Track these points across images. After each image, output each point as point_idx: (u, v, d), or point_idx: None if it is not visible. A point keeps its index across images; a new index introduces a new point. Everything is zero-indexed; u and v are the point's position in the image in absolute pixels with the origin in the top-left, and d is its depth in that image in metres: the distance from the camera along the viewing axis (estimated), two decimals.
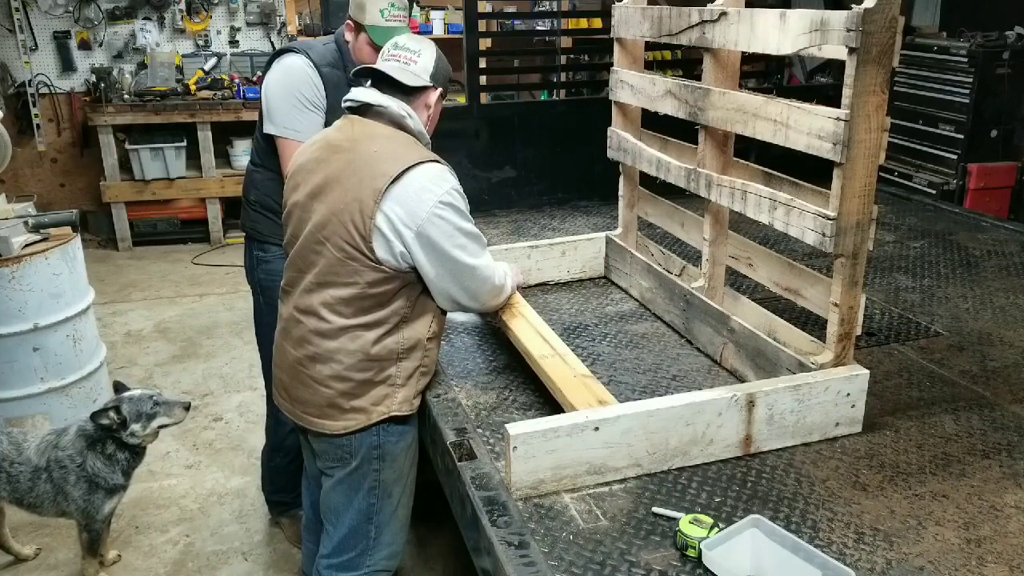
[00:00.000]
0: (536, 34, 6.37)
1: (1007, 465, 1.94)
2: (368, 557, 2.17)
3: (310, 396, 2.07)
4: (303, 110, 2.67)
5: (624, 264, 3.01)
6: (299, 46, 2.78)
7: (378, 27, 2.62)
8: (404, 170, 1.95)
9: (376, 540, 2.17)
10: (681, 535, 1.63)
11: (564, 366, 2.14)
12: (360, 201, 1.94)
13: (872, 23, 1.78)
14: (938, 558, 1.63)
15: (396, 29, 2.58)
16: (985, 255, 3.40)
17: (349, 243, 1.95)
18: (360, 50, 2.70)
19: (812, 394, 1.99)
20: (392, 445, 2.09)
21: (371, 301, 2.00)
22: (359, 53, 2.71)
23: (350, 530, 2.15)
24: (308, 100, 2.67)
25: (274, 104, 2.69)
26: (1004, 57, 5.12)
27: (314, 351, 2.03)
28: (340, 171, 2.00)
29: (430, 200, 1.95)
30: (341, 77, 2.66)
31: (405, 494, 2.22)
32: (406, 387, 2.07)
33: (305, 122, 2.66)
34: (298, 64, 2.68)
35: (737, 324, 2.33)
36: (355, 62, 2.66)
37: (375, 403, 2.04)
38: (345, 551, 2.15)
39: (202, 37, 6.74)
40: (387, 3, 2.62)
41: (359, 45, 2.71)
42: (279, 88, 2.69)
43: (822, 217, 1.96)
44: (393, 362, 2.04)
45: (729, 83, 2.35)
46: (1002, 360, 2.48)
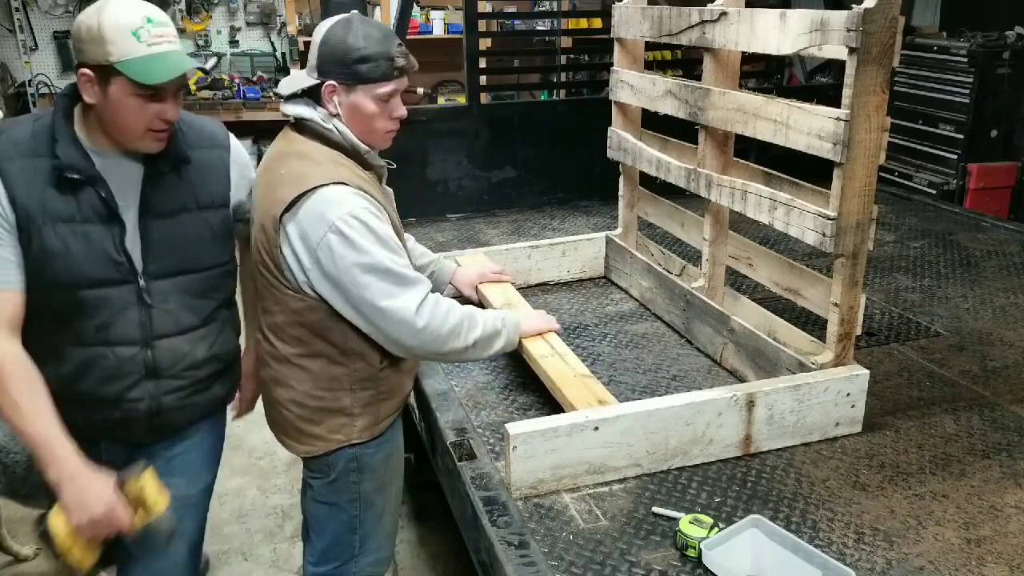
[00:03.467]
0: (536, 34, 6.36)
1: (1007, 465, 1.94)
2: (354, 564, 2.08)
3: (276, 415, 1.99)
4: None
5: (624, 264, 3.01)
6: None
7: (137, 59, 1.63)
8: (299, 196, 1.73)
9: (361, 549, 2.07)
10: (681, 535, 1.63)
11: (564, 366, 2.14)
12: (265, 229, 1.79)
13: (872, 23, 1.78)
14: (938, 558, 1.63)
15: (168, 54, 1.68)
16: (985, 255, 3.40)
17: (267, 269, 1.82)
18: (117, 112, 1.67)
19: (812, 394, 1.99)
20: (369, 457, 1.97)
21: (305, 330, 1.83)
22: (115, 116, 1.68)
23: (333, 540, 2.06)
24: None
25: None
26: (1004, 57, 5.12)
27: (272, 373, 1.92)
28: (258, 195, 1.86)
29: (321, 228, 1.72)
30: (48, 168, 1.69)
31: (389, 502, 2.11)
32: (364, 416, 1.91)
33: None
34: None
35: (737, 324, 2.33)
36: (91, 142, 1.73)
37: (332, 431, 1.90)
38: (329, 560, 2.06)
39: (202, 37, 6.74)
40: (140, 19, 1.65)
41: (113, 105, 1.66)
42: None
43: (822, 217, 1.96)
44: (346, 392, 1.88)
45: (729, 83, 2.35)
46: (1002, 360, 2.47)
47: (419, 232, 3.69)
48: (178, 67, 1.68)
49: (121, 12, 1.65)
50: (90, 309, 1.75)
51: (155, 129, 1.71)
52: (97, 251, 1.72)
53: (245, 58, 6.84)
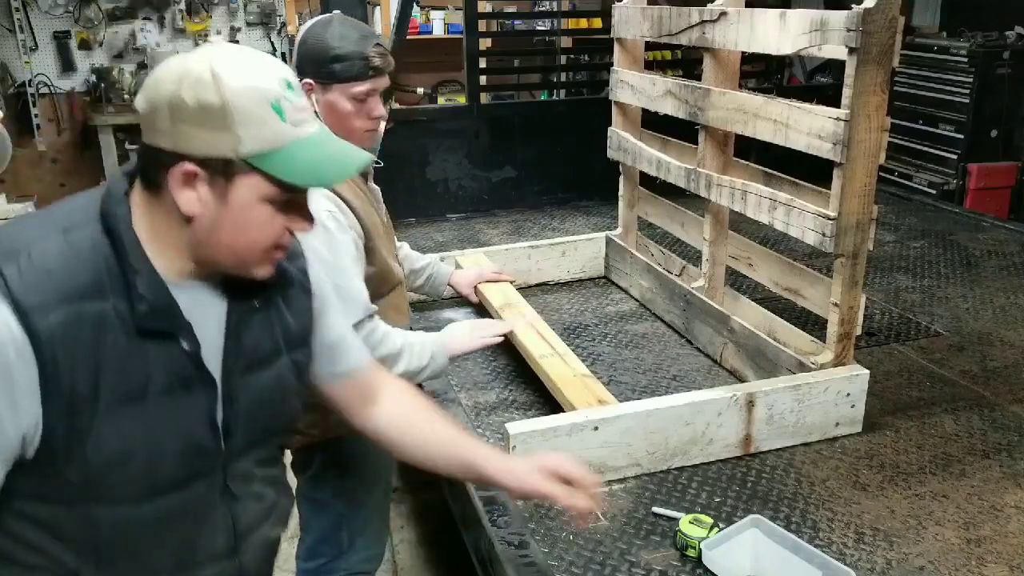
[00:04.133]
0: (536, 34, 6.36)
1: (1007, 465, 1.94)
2: (343, 561, 2.06)
3: None
4: None
5: (624, 264, 3.01)
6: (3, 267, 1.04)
7: (285, 149, 1.07)
8: None
9: (350, 546, 2.05)
10: (681, 535, 1.63)
11: (564, 366, 2.14)
12: None
13: (872, 23, 1.78)
14: (938, 558, 1.63)
15: (326, 137, 1.13)
16: (985, 255, 3.39)
17: None
18: (238, 226, 1.09)
19: (812, 394, 1.99)
20: (349, 452, 1.95)
21: None
22: (234, 232, 1.10)
23: (321, 536, 2.05)
24: None
25: None
26: (1004, 57, 5.11)
27: None
28: None
29: None
30: (112, 317, 1.05)
31: (377, 498, 2.09)
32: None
33: None
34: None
35: (737, 324, 2.33)
36: (165, 267, 1.10)
37: (308, 426, 1.85)
38: (317, 556, 2.05)
39: (202, 37, 6.73)
40: (277, 84, 1.07)
41: (234, 215, 1.09)
42: None
43: (822, 217, 1.96)
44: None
45: (729, 83, 2.35)
46: (1002, 360, 2.47)
47: (419, 232, 3.69)
48: (357, 159, 1.14)
49: (249, 71, 1.06)
50: (160, 530, 1.15)
51: (282, 246, 1.15)
52: (177, 437, 1.12)
53: None
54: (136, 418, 1.06)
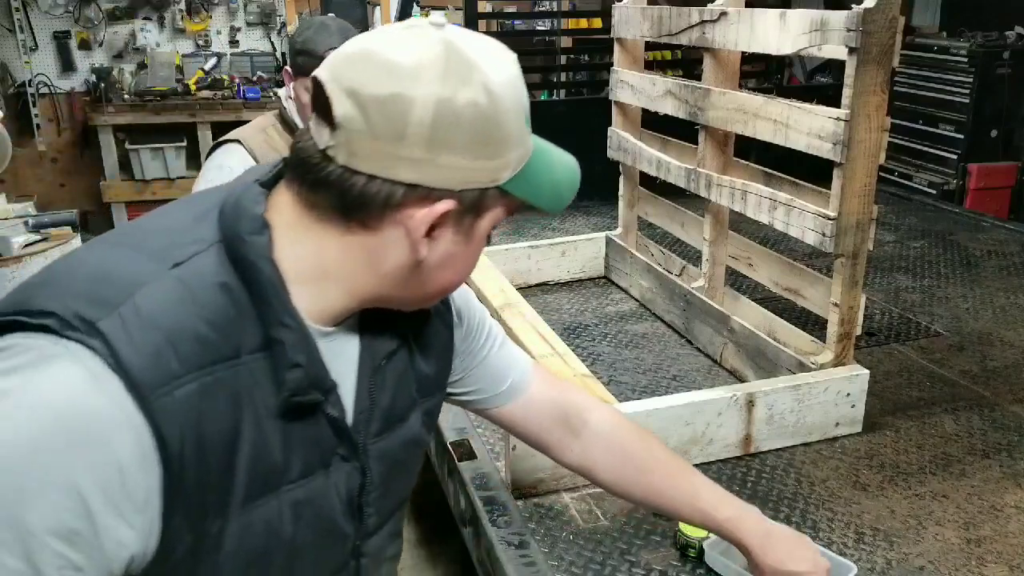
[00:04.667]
0: (536, 34, 6.36)
1: (1007, 465, 1.94)
2: None
3: None
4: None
5: (624, 264, 3.01)
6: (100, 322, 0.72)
7: (527, 168, 0.86)
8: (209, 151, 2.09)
9: None
10: (681, 535, 1.63)
11: (564, 366, 2.14)
12: None
13: (872, 23, 1.78)
14: (938, 558, 1.63)
15: (554, 151, 0.92)
16: (985, 255, 3.39)
17: None
18: (457, 262, 0.88)
19: (812, 394, 1.99)
20: None
21: None
22: (445, 270, 0.87)
23: None
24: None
25: None
26: (1004, 57, 5.12)
27: None
28: None
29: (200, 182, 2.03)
30: (251, 388, 0.80)
31: None
32: None
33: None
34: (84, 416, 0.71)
35: (737, 324, 2.33)
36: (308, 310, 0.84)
37: None
38: None
39: (202, 37, 6.73)
40: (522, 88, 0.84)
41: (463, 253, 0.87)
42: None
43: (822, 217, 1.96)
44: None
45: (729, 83, 2.35)
46: (1002, 360, 2.47)
47: None
48: (574, 164, 0.91)
49: (509, 70, 0.82)
50: None
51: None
52: (314, 527, 0.88)
53: (245, 58, 6.84)
54: (270, 514, 0.81)
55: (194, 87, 6.38)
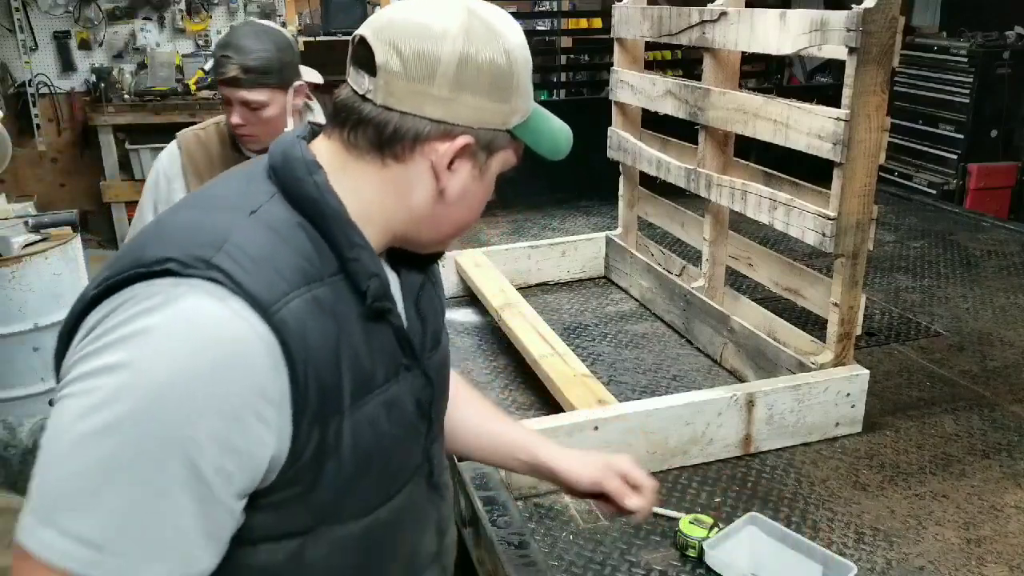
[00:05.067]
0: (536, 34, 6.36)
1: (1007, 465, 1.94)
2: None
3: None
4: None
5: (624, 264, 3.01)
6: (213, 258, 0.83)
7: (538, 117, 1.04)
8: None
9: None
10: (681, 535, 1.63)
11: (564, 366, 2.14)
12: None
13: (872, 23, 1.78)
14: (938, 558, 1.63)
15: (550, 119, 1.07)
16: (985, 255, 3.39)
17: None
18: (470, 201, 1.00)
19: (812, 394, 1.99)
20: None
21: None
22: (462, 207, 1.00)
23: None
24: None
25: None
26: (1004, 57, 5.12)
27: None
28: None
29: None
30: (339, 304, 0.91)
31: None
32: None
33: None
34: (223, 336, 0.81)
35: (737, 324, 2.33)
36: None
37: None
38: None
39: (202, 37, 6.74)
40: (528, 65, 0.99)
41: (476, 190, 1.00)
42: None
43: (822, 217, 1.96)
44: None
45: (729, 83, 2.35)
46: (1002, 360, 2.47)
47: None
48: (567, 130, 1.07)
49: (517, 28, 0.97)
50: (393, 538, 1.02)
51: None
52: (399, 429, 0.98)
53: None
54: (371, 414, 0.92)
55: (194, 87, 6.38)
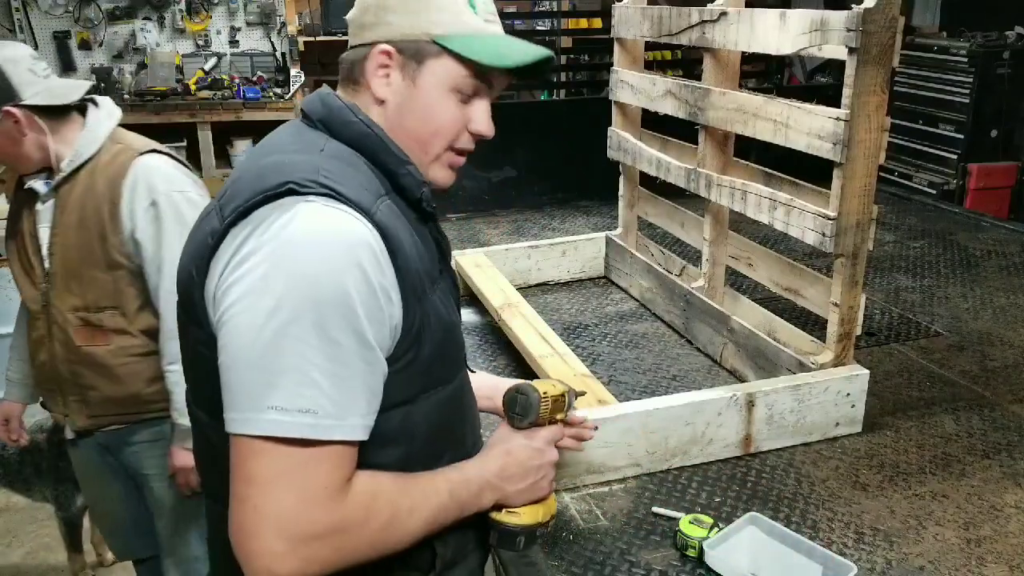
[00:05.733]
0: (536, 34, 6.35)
1: (1007, 465, 1.94)
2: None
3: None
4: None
5: (624, 264, 3.01)
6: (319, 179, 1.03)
7: (473, 36, 1.13)
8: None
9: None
10: (681, 535, 1.63)
11: (564, 366, 2.14)
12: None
13: (872, 23, 1.78)
14: (938, 558, 1.63)
15: (509, 37, 1.18)
16: (985, 255, 3.39)
17: None
18: (426, 109, 1.13)
19: (812, 394, 1.99)
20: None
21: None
22: (422, 115, 1.14)
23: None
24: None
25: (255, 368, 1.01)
26: (1004, 57, 5.12)
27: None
28: None
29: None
30: (405, 208, 1.13)
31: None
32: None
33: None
34: (351, 233, 1.01)
35: (737, 324, 2.33)
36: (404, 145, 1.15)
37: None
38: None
39: (202, 37, 6.73)
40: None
41: (423, 98, 1.13)
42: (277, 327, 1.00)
43: (822, 217, 1.96)
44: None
45: (729, 83, 2.35)
46: (1002, 360, 2.47)
47: None
48: (536, 50, 1.15)
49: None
50: (460, 405, 1.23)
51: (460, 150, 1.19)
52: (453, 313, 1.20)
53: (245, 58, 6.84)
54: (439, 297, 1.13)
55: (194, 87, 6.38)
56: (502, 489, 1.20)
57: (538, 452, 1.25)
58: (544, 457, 1.26)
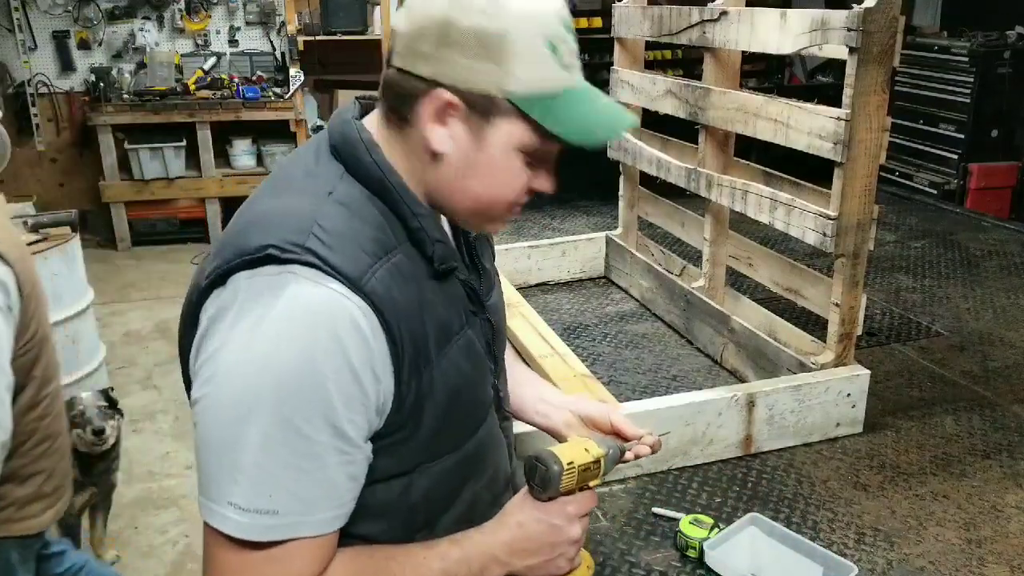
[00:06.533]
0: None
1: (1008, 465, 1.94)
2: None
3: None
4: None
5: (624, 264, 3.01)
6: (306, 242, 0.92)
7: (555, 95, 0.98)
8: None
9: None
10: (681, 535, 1.63)
11: (564, 366, 2.14)
12: None
13: (873, 23, 1.78)
14: (939, 558, 1.63)
15: (596, 92, 1.03)
16: (986, 255, 3.39)
17: None
18: (490, 171, 1.00)
19: (812, 394, 1.99)
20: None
21: None
22: (483, 176, 1.01)
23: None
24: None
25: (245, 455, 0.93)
26: (1005, 57, 5.12)
27: None
28: None
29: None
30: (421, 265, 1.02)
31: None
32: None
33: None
34: (331, 313, 0.91)
35: (737, 324, 2.33)
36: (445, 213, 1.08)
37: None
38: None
39: (201, 37, 6.73)
40: (555, 19, 0.97)
41: (487, 159, 0.99)
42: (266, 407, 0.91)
43: (823, 217, 1.96)
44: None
45: (729, 83, 2.35)
46: (1003, 360, 2.47)
47: None
48: (622, 121, 1.05)
49: (531, 5, 0.95)
50: (479, 466, 1.16)
51: (520, 204, 1.07)
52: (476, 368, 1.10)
53: (244, 58, 6.84)
54: (453, 359, 1.03)
55: (193, 87, 6.38)
56: (510, 565, 1.06)
57: (555, 529, 1.06)
58: (562, 535, 1.06)
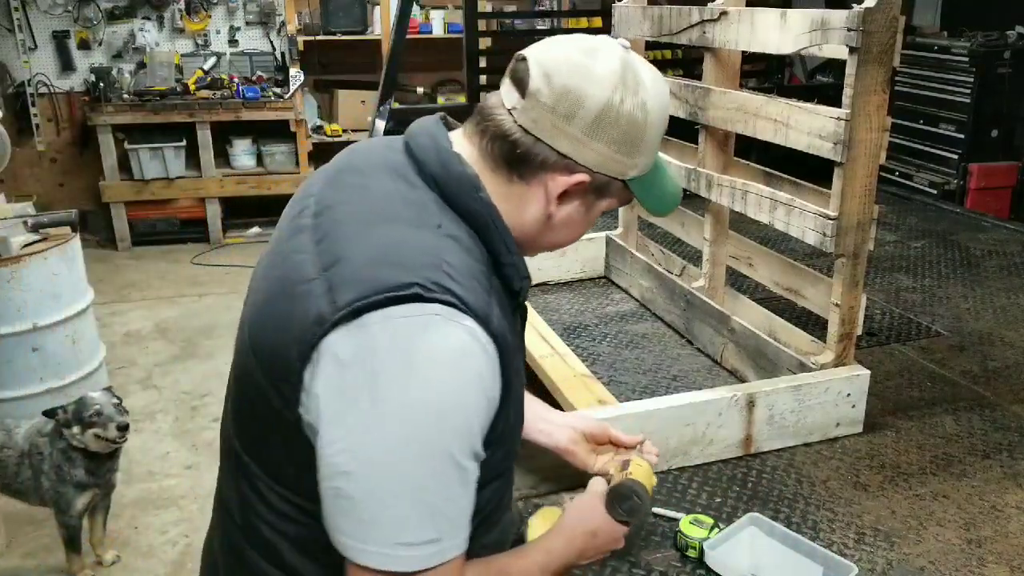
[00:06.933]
0: (536, 34, 6.36)
1: (1008, 465, 1.94)
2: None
3: None
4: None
5: (624, 264, 3.01)
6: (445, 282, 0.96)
7: (653, 177, 1.15)
8: None
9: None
10: (681, 535, 1.63)
11: (564, 366, 2.14)
12: None
13: (873, 23, 1.78)
14: (939, 558, 1.62)
15: (660, 159, 1.18)
16: (986, 255, 3.39)
17: None
18: (568, 227, 1.13)
19: (812, 394, 1.99)
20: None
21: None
22: (560, 232, 1.14)
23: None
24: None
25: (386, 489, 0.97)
26: (1005, 57, 5.12)
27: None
28: None
29: None
30: (505, 304, 1.07)
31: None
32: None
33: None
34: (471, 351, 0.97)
35: (737, 324, 2.33)
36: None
37: None
38: None
39: (201, 37, 6.74)
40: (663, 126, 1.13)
41: (574, 221, 1.12)
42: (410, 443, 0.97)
43: (823, 217, 1.96)
44: None
45: (729, 83, 2.35)
46: (1003, 360, 2.47)
47: None
48: (679, 193, 1.22)
49: (665, 95, 1.09)
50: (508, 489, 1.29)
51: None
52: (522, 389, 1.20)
53: (244, 58, 6.84)
54: (519, 392, 1.10)
55: (193, 87, 6.38)
56: (572, 568, 1.25)
57: (616, 542, 1.30)
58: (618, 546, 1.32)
